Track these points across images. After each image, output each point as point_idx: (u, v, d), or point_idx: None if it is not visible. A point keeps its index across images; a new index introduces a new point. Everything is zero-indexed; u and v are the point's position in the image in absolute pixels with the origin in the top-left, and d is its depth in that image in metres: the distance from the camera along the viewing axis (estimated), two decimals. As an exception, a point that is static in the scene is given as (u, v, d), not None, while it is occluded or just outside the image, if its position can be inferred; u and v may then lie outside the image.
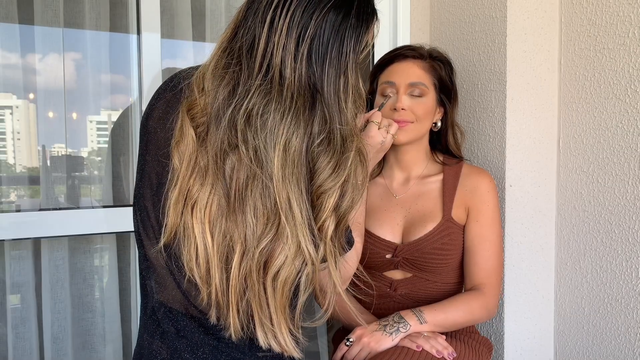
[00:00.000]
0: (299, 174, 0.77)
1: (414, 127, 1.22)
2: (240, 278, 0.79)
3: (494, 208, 1.24)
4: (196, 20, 1.63)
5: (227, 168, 0.78)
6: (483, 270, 1.22)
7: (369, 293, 1.28)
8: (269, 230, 0.78)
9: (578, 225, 1.41)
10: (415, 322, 1.13)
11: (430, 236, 1.20)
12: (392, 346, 1.10)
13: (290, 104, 0.77)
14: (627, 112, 1.27)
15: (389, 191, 1.30)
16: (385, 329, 1.12)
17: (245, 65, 0.78)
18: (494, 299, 1.22)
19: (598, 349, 1.36)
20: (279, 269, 0.79)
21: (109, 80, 1.57)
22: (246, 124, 0.76)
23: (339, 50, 0.80)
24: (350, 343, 1.13)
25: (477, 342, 1.22)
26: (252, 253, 0.78)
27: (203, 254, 0.79)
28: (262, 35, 0.78)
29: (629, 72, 1.27)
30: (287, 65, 0.77)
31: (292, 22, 0.78)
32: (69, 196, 1.55)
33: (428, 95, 1.24)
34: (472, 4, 1.50)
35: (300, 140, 0.77)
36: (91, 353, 1.60)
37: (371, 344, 1.11)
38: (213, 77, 0.80)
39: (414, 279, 1.24)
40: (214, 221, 0.79)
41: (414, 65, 1.24)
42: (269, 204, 0.77)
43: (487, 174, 1.27)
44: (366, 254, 1.24)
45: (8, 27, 1.43)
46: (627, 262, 1.28)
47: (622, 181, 1.29)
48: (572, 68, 1.41)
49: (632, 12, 1.26)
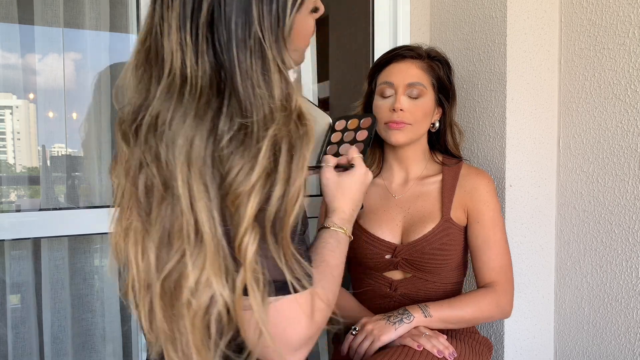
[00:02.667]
0: (205, 182, 0.65)
1: (411, 129, 1.22)
2: (148, 309, 0.70)
3: (494, 208, 1.24)
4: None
5: (141, 186, 0.68)
6: (491, 270, 1.22)
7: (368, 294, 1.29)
8: (174, 254, 0.66)
9: (578, 225, 1.41)
10: (420, 315, 1.13)
11: (430, 236, 1.20)
12: (395, 344, 1.11)
13: (192, 103, 0.66)
14: (627, 112, 1.27)
15: (388, 192, 1.30)
16: (389, 319, 1.13)
17: (153, 68, 0.70)
18: (506, 296, 1.21)
19: (598, 349, 1.36)
20: (189, 300, 0.66)
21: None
22: (152, 134, 0.67)
23: (244, 22, 0.68)
24: (356, 332, 1.14)
25: (477, 342, 1.22)
26: (155, 281, 0.68)
27: (135, 278, 0.71)
28: (162, 33, 0.69)
29: (629, 72, 1.27)
30: (187, 63, 0.67)
31: (184, 12, 0.67)
32: (69, 196, 1.55)
33: (426, 96, 1.23)
34: (472, 4, 1.50)
35: (202, 143, 0.65)
36: (91, 353, 1.60)
37: (374, 331, 1.11)
38: (133, 83, 0.71)
39: (413, 279, 1.24)
40: (141, 245, 0.69)
41: (412, 66, 1.24)
42: (177, 223, 0.66)
43: (486, 175, 1.27)
44: (365, 255, 1.25)
45: (8, 27, 1.43)
46: (627, 262, 1.28)
47: (622, 181, 1.29)
48: (572, 68, 1.41)
49: (632, 12, 1.25)
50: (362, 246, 1.25)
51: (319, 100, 1.80)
